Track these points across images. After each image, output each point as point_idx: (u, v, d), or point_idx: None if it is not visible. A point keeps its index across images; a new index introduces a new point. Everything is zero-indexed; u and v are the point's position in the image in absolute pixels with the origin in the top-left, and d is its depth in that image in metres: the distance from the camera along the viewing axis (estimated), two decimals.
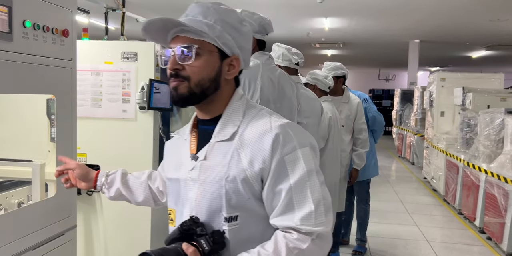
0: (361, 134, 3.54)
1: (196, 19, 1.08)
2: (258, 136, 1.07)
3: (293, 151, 1.05)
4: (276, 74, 2.10)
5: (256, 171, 1.05)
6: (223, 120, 1.12)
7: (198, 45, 1.07)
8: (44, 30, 1.70)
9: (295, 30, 10.16)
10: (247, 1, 7.34)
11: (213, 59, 1.09)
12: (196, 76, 1.08)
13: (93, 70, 2.38)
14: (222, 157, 1.09)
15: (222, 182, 1.06)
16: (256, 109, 1.15)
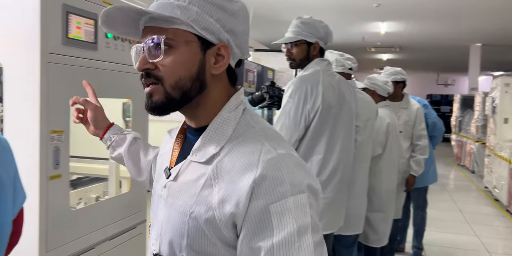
0: (420, 141, 3.50)
1: (166, 1, 0.83)
2: (239, 168, 0.78)
3: (282, 199, 0.75)
4: (336, 80, 2.17)
5: (226, 214, 0.77)
6: (205, 135, 0.85)
7: (169, 35, 0.82)
8: (122, 40, 1.87)
9: (350, 34, 10.11)
10: (303, 5, 7.41)
11: (191, 51, 0.83)
12: (171, 76, 0.82)
13: None
14: (193, 183, 0.83)
15: (185, 217, 0.82)
16: (252, 127, 0.85)
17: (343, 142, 2.18)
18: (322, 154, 2.12)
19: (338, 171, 2.16)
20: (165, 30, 0.82)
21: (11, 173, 1.15)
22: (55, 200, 1.55)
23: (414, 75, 19.82)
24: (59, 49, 1.53)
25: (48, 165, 1.51)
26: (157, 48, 0.81)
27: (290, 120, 2.07)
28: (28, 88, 1.48)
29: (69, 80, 1.59)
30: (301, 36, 2.15)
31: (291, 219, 0.75)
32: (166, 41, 0.81)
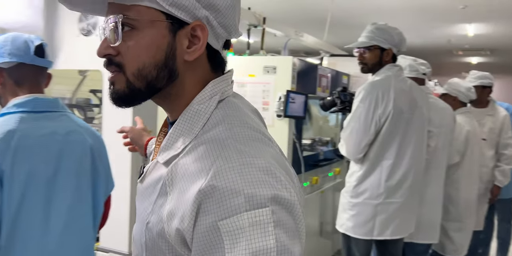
0: (507, 149, 3.32)
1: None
2: (191, 174, 0.64)
3: (235, 215, 0.58)
4: (408, 85, 2.18)
5: (173, 230, 0.64)
6: (172, 131, 0.72)
7: (131, 14, 0.67)
8: None
9: (434, 37, 9.70)
10: (383, 9, 7.30)
11: (157, 33, 0.68)
12: (133, 63, 0.69)
13: (239, 82, 2.72)
14: (152, 188, 0.72)
15: (143, 227, 0.71)
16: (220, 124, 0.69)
17: (415, 148, 2.18)
18: (392, 159, 2.13)
19: (409, 176, 2.17)
20: (127, 7, 0.67)
21: (106, 165, 1.38)
22: None
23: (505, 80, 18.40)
24: None
25: (138, 162, 1.72)
26: (115, 29, 0.67)
27: (360, 125, 2.12)
28: None
29: None
30: (375, 41, 2.20)
31: (244, 241, 0.57)
32: (125, 21, 0.67)
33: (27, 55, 1.27)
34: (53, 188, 1.24)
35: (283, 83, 2.61)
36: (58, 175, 1.26)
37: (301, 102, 2.63)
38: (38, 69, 1.32)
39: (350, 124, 2.17)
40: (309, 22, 8.05)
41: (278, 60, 2.66)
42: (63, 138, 1.29)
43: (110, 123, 1.74)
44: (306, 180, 2.91)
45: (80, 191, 1.31)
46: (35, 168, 1.20)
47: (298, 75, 2.70)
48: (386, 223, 2.16)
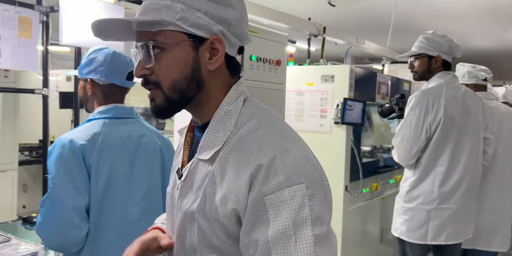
0: None
1: (152, 2, 0.81)
2: (238, 162, 0.77)
3: (278, 190, 0.72)
4: (461, 92, 2.19)
5: (229, 211, 0.77)
6: (208, 131, 0.83)
7: (159, 38, 0.80)
8: (264, 62, 2.20)
9: (506, 41, 9.21)
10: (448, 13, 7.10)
11: (183, 51, 0.80)
12: (166, 79, 0.81)
13: (297, 90, 2.83)
14: (200, 182, 0.83)
15: (194, 216, 0.82)
16: (252, 118, 0.82)
17: (470, 154, 2.18)
18: (445, 166, 2.15)
19: (463, 182, 2.17)
20: (154, 33, 0.80)
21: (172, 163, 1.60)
22: None
23: None
24: None
25: None
26: (148, 52, 0.80)
27: (411, 132, 2.17)
28: None
29: None
30: (423, 50, 2.25)
31: (286, 211, 0.71)
32: (155, 45, 0.79)
33: (121, 79, 1.51)
34: (131, 181, 1.47)
35: (341, 91, 2.69)
36: (134, 170, 1.48)
37: (359, 109, 2.70)
38: (125, 88, 1.56)
39: (401, 131, 2.23)
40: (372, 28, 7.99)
41: (336, 69, 2.75)
42: (137, 140, 1.52)
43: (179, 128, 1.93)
44: (366, 186, 2.95)
45: (152, 184, 1.54)
46: (115, 164, 1.44)
47: (357, 83, 2.76)
48: (440, 228, 2.17)
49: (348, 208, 2.77)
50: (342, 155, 2.71)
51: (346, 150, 2.71)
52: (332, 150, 2.73)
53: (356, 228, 2.88)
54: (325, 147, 2.75)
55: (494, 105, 2.65)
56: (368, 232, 3.04)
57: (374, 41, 4.86)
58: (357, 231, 2.90)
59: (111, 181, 1.42)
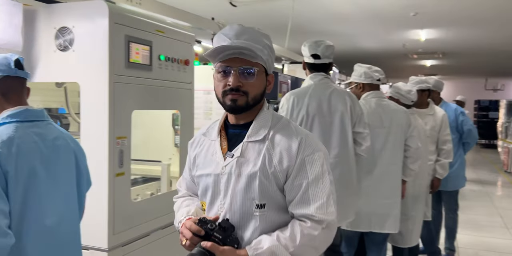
0: (445, 145, 3.62)
1: (250, 44, 1.24)
2: (286, 139, 1.28)
3: (312, 154, 1.27)
4: (328, 92, 2.44)
5: (284, 168, 1.25)
6: (255, 124, 1.31)
7: (255, 66, 1.26)
8: (172, 61, 2.23)
9: (389, 42, 10.18)
10: (340, 16, 7.65)
11: (263, 77, 1.30)
12: (254, 92, 1.27)
13: (205, 89, 2.91)
14: (256, 154, 1.28)
15: (256, 175, 1.25)
16: (279, 118, 1.36)
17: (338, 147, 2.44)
18: None
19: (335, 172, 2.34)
20: (252, 63, 1.27)
21: (85, 166, 1.59)
22: (120, 193, 1.92)
23: (461, 81, 19.37)
24: (123, 71, 1.91)
25: (114, 164, 1.88)
26: (250, 74, 1.27)
27: None
28: (99, 102, 1.86)
29: (131, 96, 1.97)
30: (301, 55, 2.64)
31: (317, 165, 1.27)
32: (253, 70, 1.27)
33: (9, 68, 1.45)
34: (49, 185, 1.44)
35: None
36: (51, 174, 1.45)
37: None
38: (20, 81, 1.50)
39: None
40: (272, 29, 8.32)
41: None
42: (52, 143, 1.48)
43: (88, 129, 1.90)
44: None
45: (68, 188, 1.51)
46: (33, 168, 1.39)
47: None
48: None
49: None
50: None
51: None
52: None
53: None
54: None
55: (386, 103, 2.97)
56: None
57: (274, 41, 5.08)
58: None
59: (30, 187, 1.38)
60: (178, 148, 2.50)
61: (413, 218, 3.23)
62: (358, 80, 3.00)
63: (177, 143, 2.56)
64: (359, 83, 3.03)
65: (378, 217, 2.88)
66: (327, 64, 2.56)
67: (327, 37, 2.68)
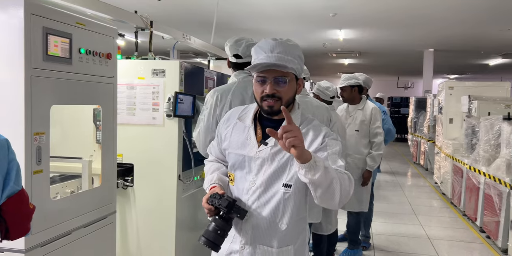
0: (376, 138, 3.85)
1: (282, 57, 1.52)
2: (314, 132, 1.59)
3: (333, 140, 1.57)
4: (251, 90, 2.51)
5: (313, 151, 1.51)
6: None
7: (287, 75, 1.53)
8: (94, 55, 2.17)
9: (311, 41, 10.58)
10: (264, 14, 7.81)
11: (294, 83, 1.58)
12: (287, 96, 1.55)
13: (128, 84, 2.85)
14: None
15: (288, 162, 1.55)
16: (305, 116, 1.67)
17: None
18: None
19: None
20: (284, 73, 1.53)
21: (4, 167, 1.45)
22: (38, 191, 1.84)
23: (376, 79, 20.54)
24: (41, 65, 1.82)
25: (32, 162, 1.80)
26: (282, 82, 1.53)
27: (205, 124, 2.47)
28: (15, 97, 1.76)
29: (49, 90, 1.89)
30: None
31: (337, 147, 1.56)
32: (286, 79, 1.54)
33: None
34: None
35: (172, 85, 2.81)
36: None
37: (189, 102, 2.86)
38: None
39: (199, 125, 2.53)
40: (198, 24, 8.27)
41: (166, 64, 2.85)
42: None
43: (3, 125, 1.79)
44: (196, 174, 3.15)
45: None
46: None
47: (186, 77, 2.92)
48: None
49: (182, 196, 2.93)
50: (175, 146, 2.84)
51: (179, 141, 2.85)
52: (165, 142, 2.84)
53: (190, 214, 3.06)
54: (158, 139, 2.85)
55: (308, 99, 3.11)
56: (202, 217, 3.25)
57: (199, 37, 5.08)
58: (191, 217, 3.08)
59: None
60: (99, 144, 2.44)
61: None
62: None
63: (98, 139, 2.49)
64: None
65: None
66: (250, 62, 2.62)
67: (252, 35, 2.76)
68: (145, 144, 2.86)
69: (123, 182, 2.87)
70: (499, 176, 4.25)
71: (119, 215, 2.92)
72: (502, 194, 4.18)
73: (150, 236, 2.91)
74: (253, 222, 1.59)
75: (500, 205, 4.20)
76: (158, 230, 2.89)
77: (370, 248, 4.36)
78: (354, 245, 4.06)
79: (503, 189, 4.16)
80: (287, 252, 1.60)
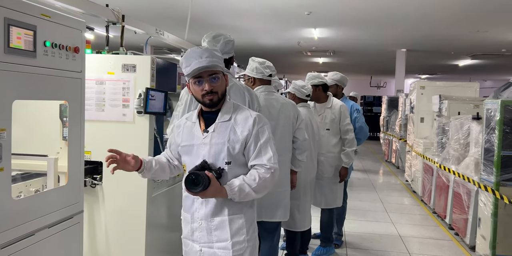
0: (347, 135, 3.85)
1: (210, 59, 1.86)
2: (244, 118, 1.92)
3: (263, 126, 1.92)
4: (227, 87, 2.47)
5: (244, 136, 1.89)
6: (223, 111, 1.94)
7: (217, 73, 1.89)
8: (60, 48, 2.08)
9: (286, 39, 10.59)
10: (239, 11, 7.76)
11: (223, 78, 1.93)
12: (221, 90, 1.91)
13: (98, 79, 2.76)
14: (224, 130, 1.91)
15: (225, 143, 1.88)
16: (238, 106, 1.99)
17: None
18: None
19: None
20: (213, 71, 1.88)
21: None
22: None
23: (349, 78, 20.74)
24: (2, 57, 1.73)
25: None
26: (215, 79, 1.89)
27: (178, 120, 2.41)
28: None
29: (11, 85, 1.79)
30: None
31: (266, 133, 1.91)
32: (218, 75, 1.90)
33: None
34: None
35: (143, 80, 2.74)
36: None
37: (161, 99, 2.79)
38: None
39: (173, 121, 2.46)
40: (171, 20, 8.14)
41: (137, 59, 2.77)
42: None
43: None
44: None
45: None
46: None
47: (158, 73, 2.84)
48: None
49: (152, 194, 2.86)
50: (146, 144, 2.77)
51: (150, 139, 2.78)
52: (136, 139, 2.77)
53: (161, 213, 2.99)
54: (128, 136, 2.77)
55: (274, 97, 3.09)
56: (174, 216, 3.18)
57: (174, 32, 4.99)
58: (162, 217, 3.02)
59: None
60: (66, 141, 2.34)
61: (303, 204, 3.43)
62: (250, 74, 3.09)
63: (65, 136, 2.40)
64: (251, 77, 3.12)
65: (269, 206, 3.00)
66: (227, 59, 2.57)
67: (227, 31, 2.70)
68: (115, 142, 2.77)
69: (91, 181, 2.78)
70: (468, 175, 4.34)
71: (87, 214, 2.83)
72: (470, 192, 4.27)
73: (120, 236, 2.83)
74: (205, 200, 1.90)
75: (469, 203, 4.30)
76: (128, 230, 2.81)
77: (343, 246, 4.38)
78: (327, 242, 4.07)
79: (471, 187, 4.25)
80: (238, 219, 1.91)
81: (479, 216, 4.01)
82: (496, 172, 3.68)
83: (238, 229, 1.91)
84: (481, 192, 3.95)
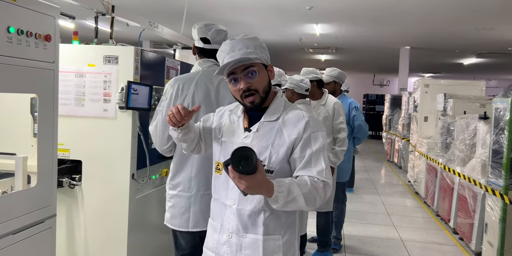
0: (339, 133, 3.65)
1: (243, 51, 1.59)
2: (295, 120, 1.61)
3: (316, 132, 1.59)
4: (218, 80, 2.25)
5: (292, 139, 1.57)
6: (270, 109, 1.66)
7: (254, 66, 1.60)
8: (28, 35, 1.87)
9: (287, 35, 10.36)
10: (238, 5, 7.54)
11: (264, 71, 1.64)
12: (261, 87, 1.61)
13: (77, 71, 2.55)
14: (269, 131, 1.62)
15: (269, 147, 1.59)
16: (290, 104, 1.72)
17: None
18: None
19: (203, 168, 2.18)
20: (249, 64, 1.59)
21: None
22: None
23: (352, 76, 20.60)
24: None
25: None
26: (252, 73, 1.60)
27: (163, 117, 2.14)
28: None
29: None
30: None
31: (320, 141, 1.58)
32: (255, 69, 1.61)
33: None
34: None
35: (126, 73, 2.53)
36: None
37: (145, 93, 2.58)
38: None
39: (156, 117, 2.19)
40: (168, 13, 7.93)
41: (120, 50, 2.57)
42: None
43: None
44: (155, 172, 2.88)
45: None
46: None
47: (144, 66, 2.64)
48: (200, 214, 2.16)
49: (135, 196, 2.66)
50: (128, 142, 2.57)
51: (133, 136, 2.58)
52: (117, 137, 2.57)
53: (144, 216, 2.79)
54: (110, 133, 2.57)
55: None
56: (157, 219, 2.99)
57: (169, 27, 4.79)
58: (145, 220, 2.82)
59: None
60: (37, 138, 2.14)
61: None
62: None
63: (36, 133, 2.19)
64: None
65: None
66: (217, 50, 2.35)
67: (226, 27, 2.48)
68: (95, 139, 2.58)
69: (69, 181, 2.58)
70: (474, 177, 4.12)
71: (65, 216, 2.63)
72: (477, 195, 4.06)
73: (100, 240, 2.63)
74: (238, 210, 1.61)
75: (475, 207, 4.08)
76: (109, 233, 2.62)
77: (341, 251, 4.18)
78: (325, 247, 3.87)
79: (478, 191, 4.03)
80: (274, 240, 1.61)
81: (486, 221, 3.80)
82: (505, 175, 3.47)
83: (272, 252, 1.60)
84: (489, 196, 3.74)
